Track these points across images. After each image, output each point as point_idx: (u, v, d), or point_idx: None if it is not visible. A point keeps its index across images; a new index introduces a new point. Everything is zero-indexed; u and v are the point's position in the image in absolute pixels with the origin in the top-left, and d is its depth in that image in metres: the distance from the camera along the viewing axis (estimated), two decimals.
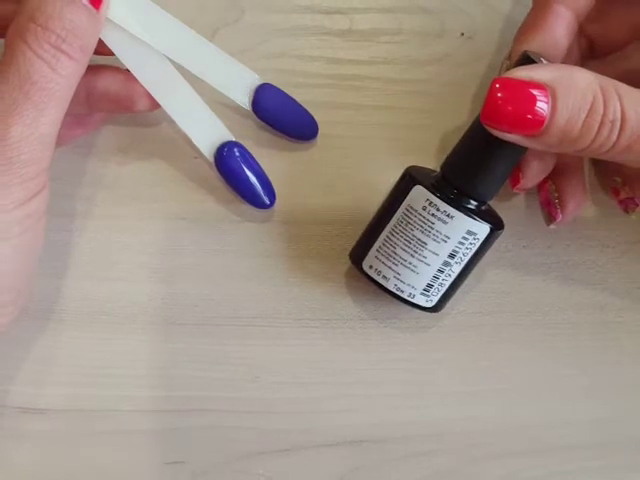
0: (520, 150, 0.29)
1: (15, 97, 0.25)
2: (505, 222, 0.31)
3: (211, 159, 0.32)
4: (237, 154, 0.32)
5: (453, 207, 0.29)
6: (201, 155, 0.32)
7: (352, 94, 0.35)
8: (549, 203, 0.33)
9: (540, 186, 0.33)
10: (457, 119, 0.32)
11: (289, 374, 0.34)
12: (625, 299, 0.35)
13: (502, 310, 0.35)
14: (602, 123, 0.25)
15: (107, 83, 0.30)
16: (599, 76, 0.26)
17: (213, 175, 0.33)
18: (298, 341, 0.34)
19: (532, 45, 0.29)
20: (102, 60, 0.31)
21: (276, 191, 0.33)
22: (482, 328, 0.35)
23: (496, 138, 0.27)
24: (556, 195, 0.33)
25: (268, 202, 0.33)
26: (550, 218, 0.33)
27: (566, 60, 0.31)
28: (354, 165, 0.34)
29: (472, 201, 0.30)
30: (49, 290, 0.33)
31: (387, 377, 0.34)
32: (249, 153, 0.32)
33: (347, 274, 0.34)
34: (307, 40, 0.35)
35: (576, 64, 0.32)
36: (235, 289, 0.34)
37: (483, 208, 0.30)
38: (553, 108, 0.26)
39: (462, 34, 0.35)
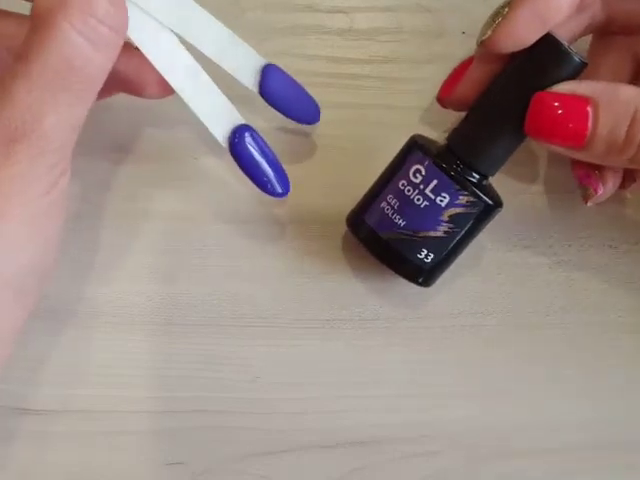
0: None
1: (52, 82, 0.24)
2: (507, 222, 0.31)
3: (224, 144, 0.31)
4: (251, 138, 0.31)
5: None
6: (213, 138, 0.31)
7: (352, 93, 0.35)
8: (589, 176, 0.32)
9: (576, 162, 0.33)
10: (458, 118, 0.32)
11: (289, 374, 0.34)
12: (626, 299, 0.35)
13: (502, 310, 0.35)
14: None
15: (118, 64, 0.28)
16: None
17: (213, 175, 0.33)
18: (298, 341, 0.34)
19: (536, 1, 0.28)
20: None
21: None
22: (482, 328, 0.35)
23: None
24: (595, 170, 0.32)
25: (284, 190, 0.32)
26: (589, 193, 0.32)
27: (566, 28, 0.30)
28: (354, 165, 0.34)
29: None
30: (49, 290, 0.33)
31: (387, 377, 0.34)
32: (262, 138, 0.31)
33: (347, 274, 0.34)
34: (307, 39, 0.35)
35: (578, 34, 0.32)
36: (235, 289, 0.34)
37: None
38: (595, 119, 0.27)
39: (463, 33, 0.35)
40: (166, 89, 0.30)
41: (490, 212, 0.30)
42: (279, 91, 0.32)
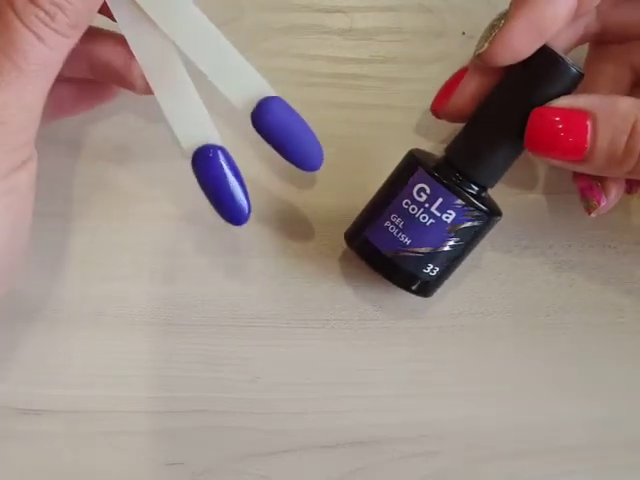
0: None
1: (2, 64, 0.25)
2: (507, 222, 0.31)
3: (188, 157, 0.29)
4: (219, 160, 0.29)
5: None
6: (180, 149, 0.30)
7: (352, 93, 0.35)
8: (591, 188, 0.32)
9: (577, 174, 0.32)
10: (456, 124, 0.32)
11: (289, 374, 0.34)
12: (626, 299, 0.35)
13: (502, 310, 0.35)
14: None
15: (110, 57, 0.29)
16: None
17: None
18: (298, 341, 0.34)
19: (532, 12, 0.28)
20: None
21: (274, 191, 0.33)
22: (482, 328, 0.35)
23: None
24: (597, 182, 0.32)
25: (237, 220, 0.30)
26: (592, 205, 0.32)
27: (561, 38, 0.30)
28: (354, 165, 0.34)
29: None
30: (49, 291, 0.33)
31: (387, 377, 0.34)
32: (232, 161, 0.29)
33: (347, 274, 0.34)
34: (307, 39, 0.34)
35: (573, 44, 0.31)
36: (235, 289, 0.34)
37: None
38: (594, 132, 0.27)
39: (463, 33, 0.35)
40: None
41: (491, 223, 0.30)
42: (275, 129, 0.29)
